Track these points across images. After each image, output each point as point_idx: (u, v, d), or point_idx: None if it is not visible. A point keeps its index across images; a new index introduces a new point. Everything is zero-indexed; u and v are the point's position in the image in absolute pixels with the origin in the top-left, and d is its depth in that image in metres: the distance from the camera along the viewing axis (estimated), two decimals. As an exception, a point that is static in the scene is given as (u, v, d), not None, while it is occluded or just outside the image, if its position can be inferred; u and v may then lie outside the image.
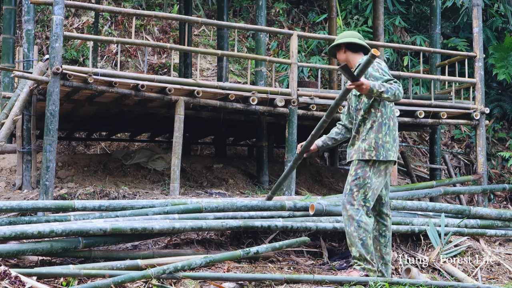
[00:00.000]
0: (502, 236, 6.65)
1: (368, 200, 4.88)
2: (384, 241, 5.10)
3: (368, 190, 4.87)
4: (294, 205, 5.90)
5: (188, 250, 5.44)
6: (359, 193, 4.88)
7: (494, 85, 12.44)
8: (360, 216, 4.86)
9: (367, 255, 4.89)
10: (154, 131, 10.30)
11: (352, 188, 4.91)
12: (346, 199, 4.92)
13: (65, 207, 5.43)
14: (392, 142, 4.96)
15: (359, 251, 4.90)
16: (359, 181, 4.88)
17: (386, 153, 4.89)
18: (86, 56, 11.97)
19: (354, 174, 4.91)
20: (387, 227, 5.11)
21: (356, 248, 4.90)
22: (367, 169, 4.87)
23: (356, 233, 4.87)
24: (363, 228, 4.86)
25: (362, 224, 4.86)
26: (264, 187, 8.28)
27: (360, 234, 4.86)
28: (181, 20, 9.85)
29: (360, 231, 4.86)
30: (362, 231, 4.86)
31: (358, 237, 4.87)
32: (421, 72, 8.29)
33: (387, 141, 4.92)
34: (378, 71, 4.87)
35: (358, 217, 4.86)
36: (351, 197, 4.90)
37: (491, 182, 11.06)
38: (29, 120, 7.10)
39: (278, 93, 7.29)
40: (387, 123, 4.96)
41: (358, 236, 4.87)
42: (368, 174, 4.87)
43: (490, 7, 12.81)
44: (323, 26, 13.29)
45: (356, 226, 4.87)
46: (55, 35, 6.29)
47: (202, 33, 13.46)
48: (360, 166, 4.89)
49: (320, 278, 4.88)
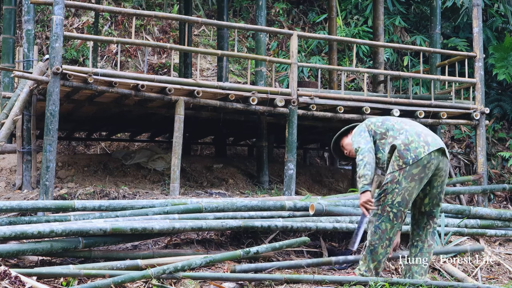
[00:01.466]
0: (502, 236, 6.65)
1: (395, 206, 4.76)
2: (414, 251, 4.99)
3: (396, 195, 4.75)
4: (294, 205, 5.90)
5: (188, 250, 5.44)
6: (386, 198, 4.79)
7: (494, 85, 12.43)
8: (380, 222, 4.79)
9: (371, 263, 4.84)
10: (154, 131, 10.29)
11: (380, 193, 4.85)
12: (374, 203, 4.86)
13: (65, 207, 5.43)
14: (417, 137, 4.81)
15: (365, 255, 4.88)
16: (386, 186, 4.80)
17: (414, 153, 4.74)
18: (86, 56, 11.97)
19: (384, 180, 4.87)
20: (420, 237, 4.98)
21: (365, 252, 4.88)
22: (395, 174, 4.76)
23: (370, 237, 4.84)
24: (378, 235, 4.80)
25: (379, 231, 4.80)
26: (264, 187, 8.28)
27: (373, 240, 4.82)
28: (181, 20, 9.84)
29: (375, 237, 4.81)
30: (377, 237, 4.80)
31: (370, 242, 4.84)
32: (421, 72, 8.29)
33: (411, 141, 4.78)
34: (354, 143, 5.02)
35: (378, 223, 4.80)
36: (377, 203, 4.84)
37: (491, 182, 11.05)
38: (29, 120, 7.10)
39: (278, 93, 7.29)
40: (402, 132, 4.86)
41: (371, 241, 4.83)
42: (396, 179, 4.75)
43: (490, 7, 12.80)
44: (323, 26, 13.29)
45: (372, 231, 4.83)
46: (55, 35, 6.29)
47: (202, 33, 13.46)
48: (390, 175, 4.80)
49: (320, 278, 4.88)
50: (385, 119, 5.07)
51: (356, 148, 4.87)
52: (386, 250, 4.85)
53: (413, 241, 5.03)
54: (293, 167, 7.22)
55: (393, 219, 4.79)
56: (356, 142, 4.92)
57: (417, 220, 5.02)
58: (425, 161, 4.75)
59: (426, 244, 5.00)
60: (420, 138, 4.82)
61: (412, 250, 5.03)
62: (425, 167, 4.76)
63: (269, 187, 8.35)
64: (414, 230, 5.04)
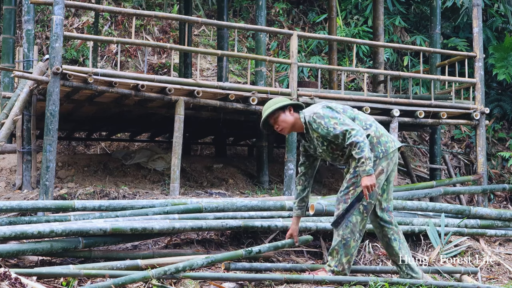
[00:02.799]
0: (502, 236, 6.65)
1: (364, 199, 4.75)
2: (396, 244, 4.97)
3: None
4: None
5: (188, 250, 5.44)
6: (355, 191, 4.77)
7: (494, 85, 12.44)
8: (350, 216, 4.77)
9: (343, 257, 4.81)
10: (154, 131, 10.29)
11: (348, 186, 4.80)
12: (341, 197, 4.82)
13: (65, 207, 5.43)
14: (384, 132, 4.89)
15: (337, 250, 4.82)
16: (356, 179, 4.76)
17: (385, 146, 4.80)
18: (86, 56, 11.97)
19: (352, 172, 4.79)
20: (394, 230, 4.96)
21: (337, 247, 4.82)
22: None
23: (341, 231, 4.79)
24: (350, 229, 4.78)
25: (350, 225, 4.78)
26: (264, 187, 8.28)
27: (345, 234, 4.78)
28: (181, 20, 9.84)
29: (346, 231, 4.78)
30: (348, 231, 4.78)
31: (342, 237, 4.79)
32: (421, 72, 8.29)
33: (381, 134, 4.84)
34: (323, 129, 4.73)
35: (349, 216, 4.77)
36: (346, 196, 4.80)
37: (491, 182, 11.05)
38: (29, 120, 7.09)
39: (278, 93, 7.29)
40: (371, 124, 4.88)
41: (343, 235, 4.78)
42: None
43: (490, 7, 12.80)
44: (323, 26, 13.29)
45: (344, 225, 4.79)
46: (55, 35, 6.29)
47: (202, 33, 13.46)
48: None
49: (320, 278, 4.88)
50: (345, 107, 4.95)
51: (346, 129, 4.64)
52: (357, 243, 4.85)
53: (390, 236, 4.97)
54: (293, 167, 7.22)
55: (363, 212, 4.80)
56: (341, 123, 4.68)
57: (381, 218, 4.96)
58: (392, 155, 4.83)
59: (401, 234, 5.02)
60: (387, 132, 4.92)
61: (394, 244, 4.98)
62: (391, 161, 4.83)
63: (269, 187, 8.35)
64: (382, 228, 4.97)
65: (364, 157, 4.59)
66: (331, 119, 4.72)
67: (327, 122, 4.71)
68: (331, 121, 4.72)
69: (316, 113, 4.77)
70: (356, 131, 4.64)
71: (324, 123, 4.72)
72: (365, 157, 4.59)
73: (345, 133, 4.66)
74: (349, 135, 4.64)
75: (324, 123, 4.72)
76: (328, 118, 4.73)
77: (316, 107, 4.84)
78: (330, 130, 4.70)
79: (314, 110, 4.81)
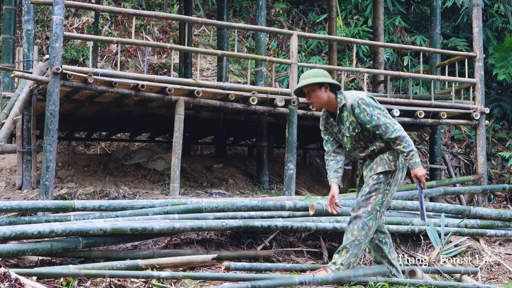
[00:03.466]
0: (502, 236, 6.65)
1: (383, 206, 4.81)
2: (386, 248, 5.06)
3: (386, 197, 4.81)
4: (294, 205, 5.90)
5: (188, 250, 5.44)
6: (377, 197, 4.80)
7: (494, 85, 12.43)
8: (368, 219, 4.79)
9: (352, 258, 4.81)
10: (154, 131, 10.29)
11: (371, 191, 4.82)
12: (362, 201, 4.82)
13: (65, 207, 5.43)
14: None
15: (348, 249, 4.80)
16: (379, 186, 4.80)
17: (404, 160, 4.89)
18: (86, 56, 11.97)
19: (376, 178, 4.82)
20: (385, 234, 5.08)
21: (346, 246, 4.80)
22: (389, 175, 4.81)
23: (357, 232, 4.80)
24: (365, 231, 4.79)
25: (366, 228, 4.79)
26: (264, 187, 8.28)
27: (360, 235, 4.79)
28: (181, 20, 9.84)
29: (361, 232, 4.79)
30: (363, 233, 4.79)
31: (356, 237, 4.80)
32: (421, 72, 8.29)
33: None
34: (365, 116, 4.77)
35: (367, 220, 4.78)
36: (367, 200, 4.81)
37: (491, 182, 11.05)
38: (29, 120, 7.09)
39: (278, 93, 7.29)
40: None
41: (357, 236, 4.79)
42: (389, 181, 4.81)
43: (490, 7, 12.80)
44: (323, 26, 13.29)
45: (360, 226, 4.79)
46: (55, 35, 6.29)
47: (202, 33, 13.46)
48: (384, 174, 4.81)
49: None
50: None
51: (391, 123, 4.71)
52: (365, 247, 4.92)
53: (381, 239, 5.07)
54: (293, 167, 7.22)
55: (378, 219, 4.86)
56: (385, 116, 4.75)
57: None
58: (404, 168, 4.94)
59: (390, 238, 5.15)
60: None
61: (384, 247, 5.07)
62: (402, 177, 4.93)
63: (269, 187, 8.35)
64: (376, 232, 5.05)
65: (413, 150, 4.69)
66: (376, 108, 4.78)
67: (371, 110, 4.76)
68: (375, 110, 4.77)
69: (362, 98, 4.81)
70: (400, 127, 4.74)
71: (369, 111, 4.76)
72: (414, 150, 4.69)
73: (389, 126, 4.72)
74: (393, 129, 4.71)
75: (369, 111, 4.76)
76: (373, 107, 4.78)
77: (361, 93, 4.88)
78: (373, 119, 4.75)
79: (359, 96, 4.84)
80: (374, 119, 4.73)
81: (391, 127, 4.71)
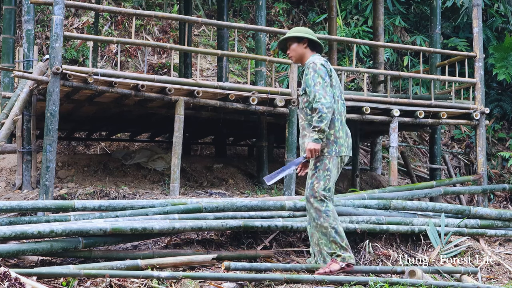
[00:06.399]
0: (502, 236, 6.65)
1: (328, 190, 4.99)
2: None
3: (328, 182, 4.99)
4: (294, 205, 5.91)
5: (188, 250, 5.44)
6: (319, 185, 4.99)
7: (494, 85, 12.44)
8: (325, 206, 4.98)
9: (342, 242, 4.98)
10: (154, 131, 10.29)
11: (312, 181, 5.03)
12: (308, 193, 5.05)
13: (65, 207, 5.43)
14: (345, 137, 5.08)
15: (333, 240, 4.96)
16: (318, 173, 5.00)
17: (339, 148, 5.02)
18: (86, 56, 11.97)
19: (313, 168, 5.04)
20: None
21: (330, 239, 4.96)
22: (326, 161, 5.00)
23: (327, 223, 4.96)
24: (332, 217, 4.97)
25: (330, 213, 4.97)
26: (264, 187, 8.28)
27: (331, 223, 4.96)
28: (181, 20, 9.84)
29: (330, 219, 4.96)
30: (332, 219, 4.97)
31: (330, 226, 4.97)
32: (421, 72, 8.29)
33: (340, 137, 5.03)
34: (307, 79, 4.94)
35: (325, 207, 4.98)
36: (312, 190, 5.02)
37: (491, 182, 11.05)
38: (29, 120, 7.09)
39: (278, 93, 7.29)
40: (339, 118, 5.06)
41: (330, 225, 4.97)
42: (327, 166, 5.00)
43: (490, 7, 12.81)
44: (323, 26, 13.29)
45: (325, 216, 4.96)
46: (55, 35, 6.29)
47: (202, 33, 13.46)
48: (319, 160, 5.00)
49: (320, 278, 4.88)
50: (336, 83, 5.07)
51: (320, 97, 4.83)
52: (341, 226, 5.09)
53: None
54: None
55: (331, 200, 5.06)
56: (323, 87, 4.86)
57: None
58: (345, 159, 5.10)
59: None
60: (347, 138, 5.11)
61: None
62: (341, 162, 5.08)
63: (269, 187, 8.34)
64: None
65: (322, 128, 4.82)
66: (319, 77, 4.92)
67: (314, 76, 4.93)
68: (318, 78, 4.92)
69: (314, 63, 4.98)
70: (327, 102, 4.83)
71: (312, 75, 4.94)
72: (321, 128, 4.82)
73: (317, 96, 4.86)
74: (318, 100, 4.85)
75: (312, 75, 4.94)
76: (318, 75, 4.92)
77: (320, 60, 5.02)
78: (309, 84, 4.93)
79: (315, 60, 5.00)
80: (311, 84, 4.91)
81: (317, 97, 4.85)
